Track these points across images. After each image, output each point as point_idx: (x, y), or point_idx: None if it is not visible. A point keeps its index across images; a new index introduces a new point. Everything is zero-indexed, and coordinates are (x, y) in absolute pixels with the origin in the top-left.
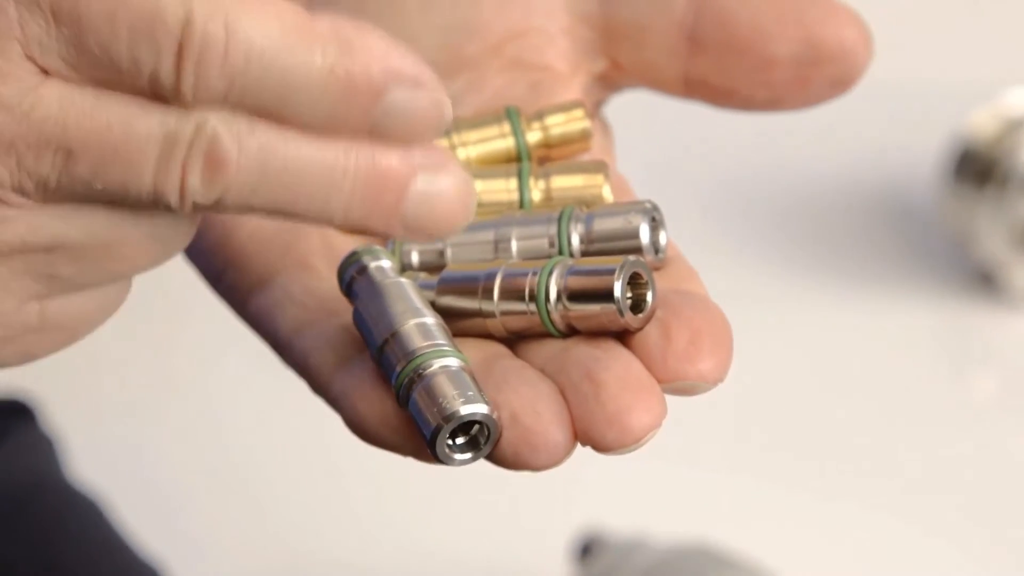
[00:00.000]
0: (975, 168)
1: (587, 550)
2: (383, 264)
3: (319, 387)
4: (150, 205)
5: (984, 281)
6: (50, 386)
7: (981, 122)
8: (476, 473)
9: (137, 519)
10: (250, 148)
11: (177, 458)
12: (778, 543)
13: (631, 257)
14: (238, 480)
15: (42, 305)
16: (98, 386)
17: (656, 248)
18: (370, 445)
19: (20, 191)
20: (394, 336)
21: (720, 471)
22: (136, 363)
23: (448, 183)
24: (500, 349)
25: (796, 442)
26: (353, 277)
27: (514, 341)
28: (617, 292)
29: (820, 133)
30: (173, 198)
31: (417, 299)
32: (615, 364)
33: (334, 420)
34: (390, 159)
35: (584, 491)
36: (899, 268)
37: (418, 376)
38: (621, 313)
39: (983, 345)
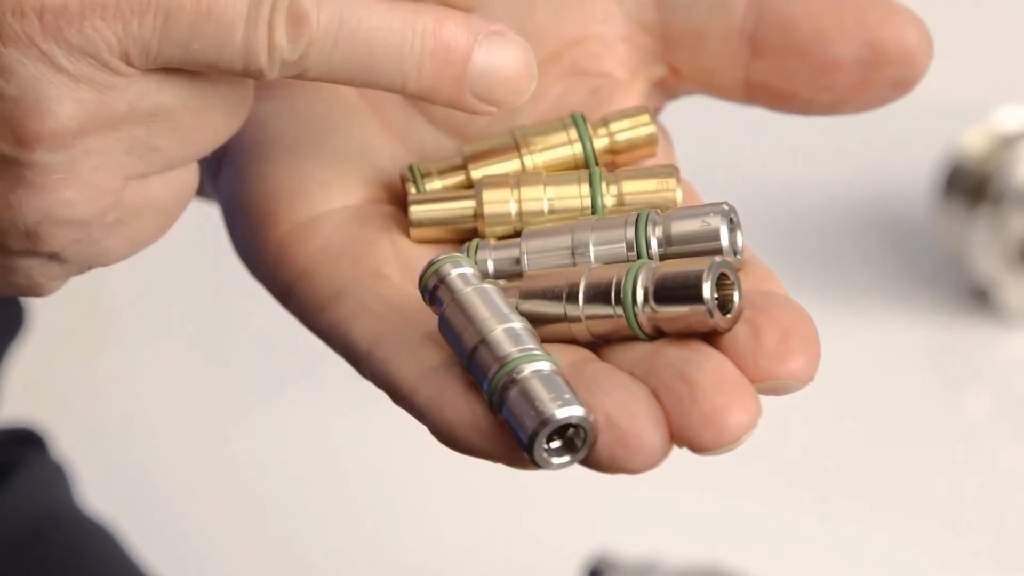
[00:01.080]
0: (968, 186)
1: (597, 574)
2: (466, 271)
3: (402, 396)
4: (241, 68)
5: (978, 298)
6: (53, 414)
7: (973, 140)
8: (485, 496)
9: (147, 545)
10: (328, 6)
11: (186, 480)
12: (784, 563)
13: (717, 258)
14: (247, 500)
15: (144, 184)
16: (101, 410)
17: (735, 249)
18: (459, 453)
19: (126, 58)
20: (483, 342)
21: (719, 491)
22: (137, 385)
23: (510, 51)
24: (586, 354)
25: (793, 459)
26: (436, 285)
27: (598, 346)
28: (707, 293)
29: (815, 151)
30: (263, 56)
31: (503, 304)
32: (708, 365)
33: (344, 441)
34: (454, 24)
35: (595, 515)
36: (893, 285)
37: (511, 381)
38: (711, 314)
39: (977, 362)
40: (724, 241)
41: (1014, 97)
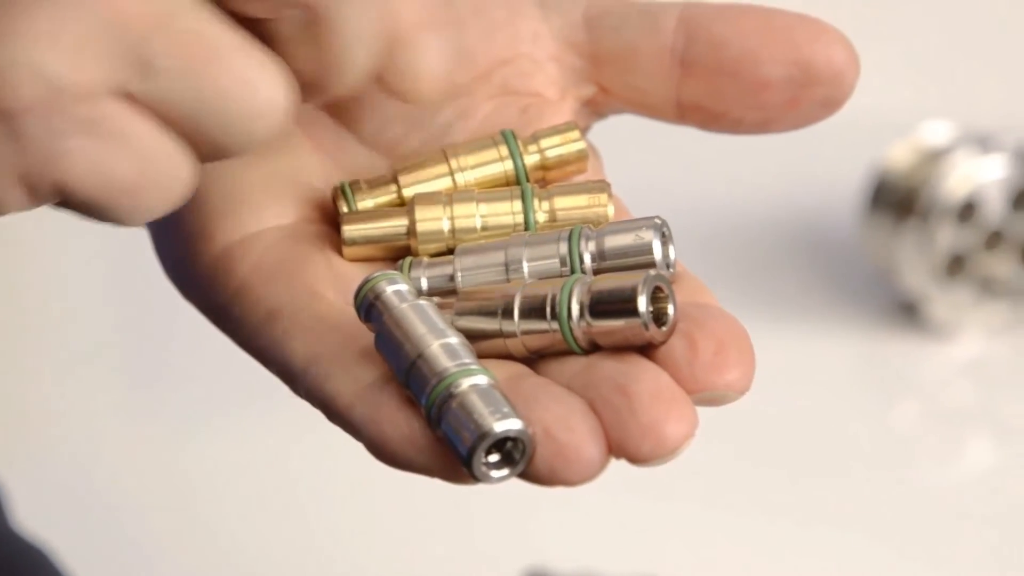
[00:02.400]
0: (895, 200)
1: None
2: (401, 288)
3: (338, 413)
4: None
5: (906, 312)
6: None
7: (900, 155)
8: (417, 512)
9: (84, 567)
10: None
11: (122, 500)
12: (717, 573)
13: (652, 271)
14: (187, 519)
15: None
16: (33, 429)
17: (667, 263)
18: (396, 469)
19: None
20: (421, 357)
21: (653, 503)
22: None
23: None
24: (522, 369)
25: (724, 472)
26: (372, 302)
27: (534, 361)
28: (642, 306)
29: (743, 166)
30: None
31: (439, 320)
32: (645, 377)
33: (283, 457)
34: None
35: (531, 528)
36: (822, 300)
37: (449, 395)
38: (646, 327)
39: (905, 375)
40: (657, 255)
41: (939, 112)
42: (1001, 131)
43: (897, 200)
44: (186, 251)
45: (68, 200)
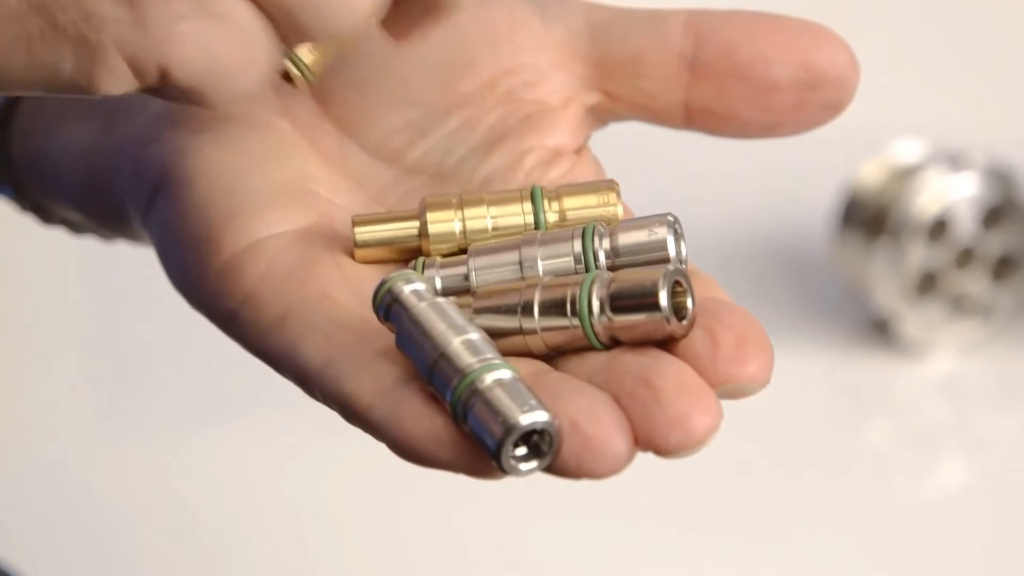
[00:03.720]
0: (866, 218)
1: None
2: (419, 287)
3: (357, 414)
4: None
5: (878, 330)
6: None
7: (870, 173)
8: (408, 524)
9: None
10: None
11: (105, 517)
12: None
13: (670, 266)
14: (162, 535)
15: None
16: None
17: (680, 259)
18: (420, 466)
19: None
20: (443, 356)
21: (623, 522)
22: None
23: None
24: (543, 366)
25: (695, 491)
26: (391, 302)
27: (553, 358)
28: (663, 300)
29: (711, 185)
30: None
31: (459, 317)
32: (669, 370)
33: (274, 467)
34: None
35: (513, 547)
36: (793, 318)
37: (474, 391)
38: (668, 321)
39: (877, 393)
40: (671, 250)
41: (910, 129)
42: (972, 148)
43: (868, 218)
44: (194, 260)
45: (169, 82)
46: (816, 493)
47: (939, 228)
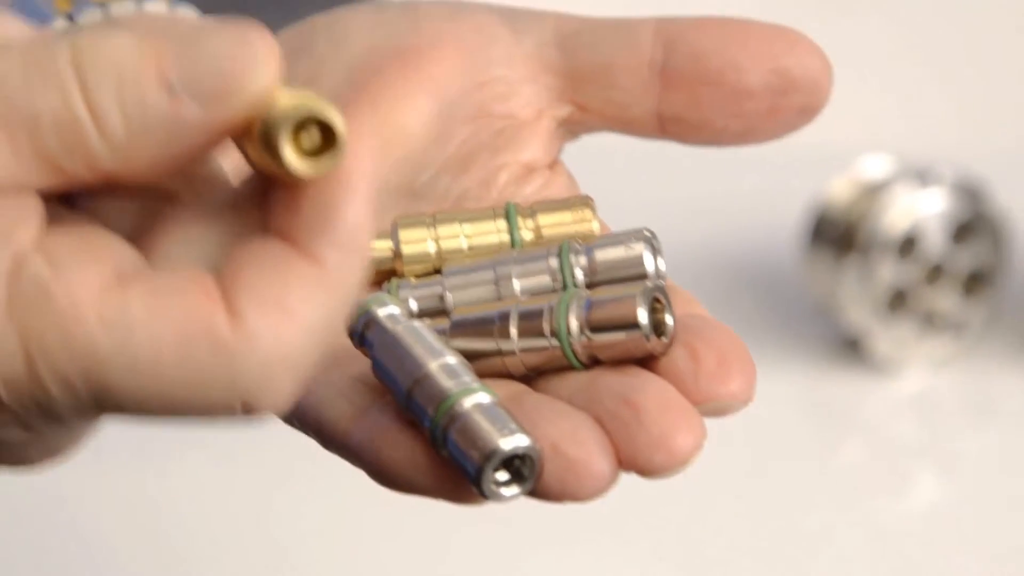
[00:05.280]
0: (836, 236)
1: None
2: (393, 311)
3: (334, 440)
4: None
5: (849, 348)
6: None
7: (839, 190)
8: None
9: None
10: None
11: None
12: None
13: (648, 283)
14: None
15: None
16: None
17: (658, 274)
18: (399, 492)
19: None
20: (420, 380)
21: (597, 546)
22: None
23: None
24: (521, 387)
25: (667, 511)
26: (365, 327)
27: (532, 379)
28: (643, 318)
29: (683, 202)
30: None
31: (435, 340)
32: (650, 389)
33: (259, 493)
34: None
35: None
36: (763, 337)
37: (453, 416)
38: (647, 338)
39: (850, 411)
40: (648, 266)
41: (877, 144)
42: (939, 163)
43: (838, 236)
44: None
45: None
46: (789, 511)
47: (908, 244)
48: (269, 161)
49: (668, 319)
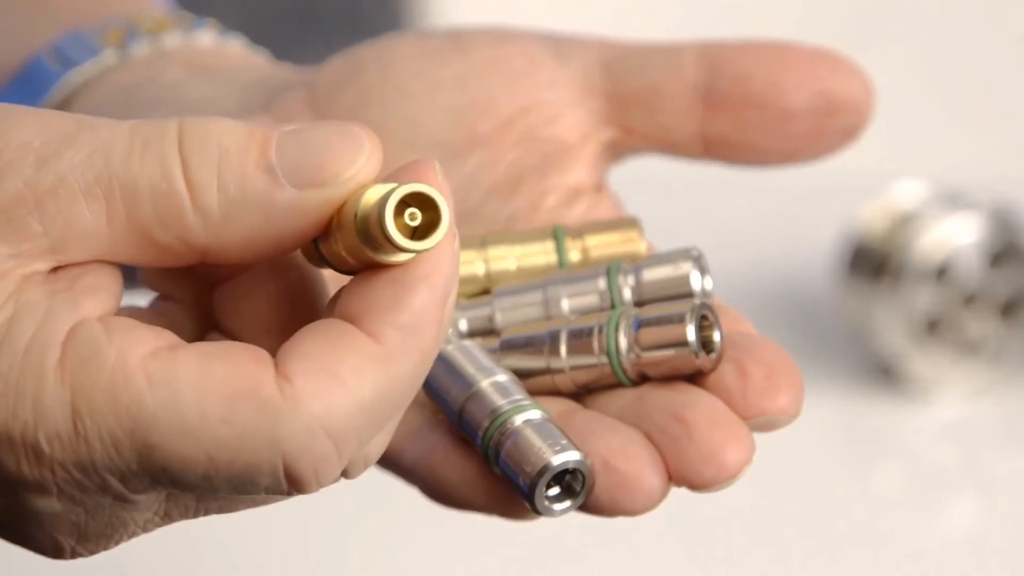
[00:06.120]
0: (869, 263)
1: None
2: None
3: (387, 458)
4: None
5: (884, 374)
6: None
7: (874, 216)
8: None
9: None
10: None
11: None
12: None
13: (697, 300)
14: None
15: None
16: None
17: (705, 293)
18: (453, 509)
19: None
20: (471, 398)
21: (621, 560)
22: None
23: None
24: (571, 404)
25: (701, 538)
26: None
27: (581, 396)
28: (691, 335)
29: (712, 231)
30: None
31: (485, 359)
32: (700, 404)
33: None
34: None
35: None
36: (798, 363)
37: (504, 434)
38: (696, 355)
39: (886, 438)
40: (696, 285)
41: (911, 170)
42: (975, 189)
43: (871, 263)
44: None
45: None
46: (825, 538)
47: (945, 271)
48: (359, 249)
49: (716, 336)
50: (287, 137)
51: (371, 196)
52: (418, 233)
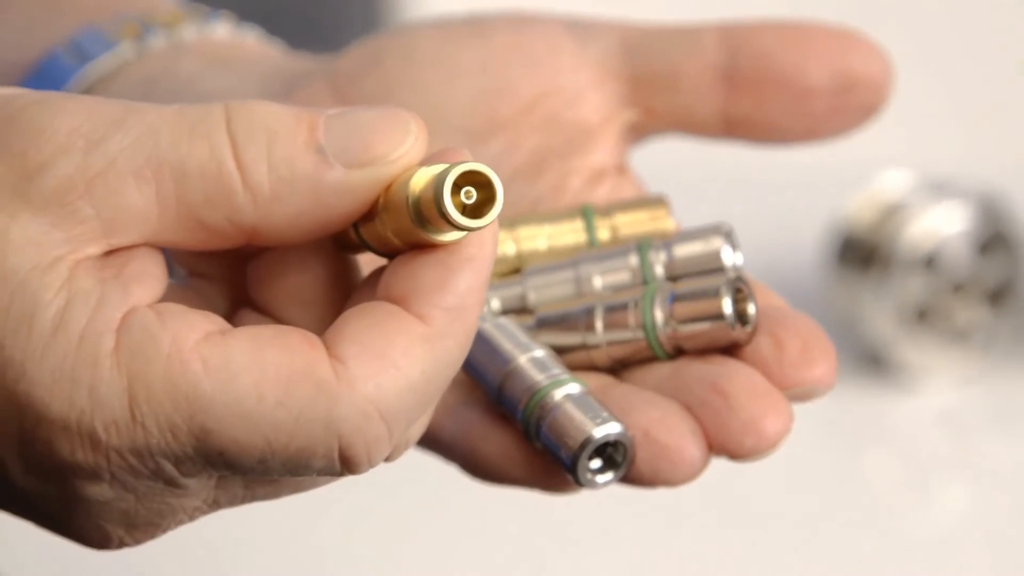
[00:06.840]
0: (858, 253)
1: None
2: None
3: (426, 435)
4: None
5: (873, 363)
6: None
7: (861, 206)
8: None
9: None
10: None
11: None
12: None
13: (731, 273)
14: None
15: None
16: None
17: (736, 268)
18: (494, 484)
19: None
20: (510, 374)
21: (612, 553)
22: None
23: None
24: (608, 379)
25: (690, 528)
26: None
27: (616, 371)
28: (727, 307)
29: (701, 219)
30: None
31: (522, 335)
32: (738, 375)
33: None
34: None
35: None
36: None
37: (545, 408)
38: (732, 327)
39: (876, 427)
40: (728, 260)
41: (898, 160)
42: (961, 178)
43: (860, 254)
44: None
45: None
46: (816, 526)
47: (933, 260)
48: (409, 229)
49: (751, 308)
50: (334, 119)
51: (421, 176)
52: (467, 212)
